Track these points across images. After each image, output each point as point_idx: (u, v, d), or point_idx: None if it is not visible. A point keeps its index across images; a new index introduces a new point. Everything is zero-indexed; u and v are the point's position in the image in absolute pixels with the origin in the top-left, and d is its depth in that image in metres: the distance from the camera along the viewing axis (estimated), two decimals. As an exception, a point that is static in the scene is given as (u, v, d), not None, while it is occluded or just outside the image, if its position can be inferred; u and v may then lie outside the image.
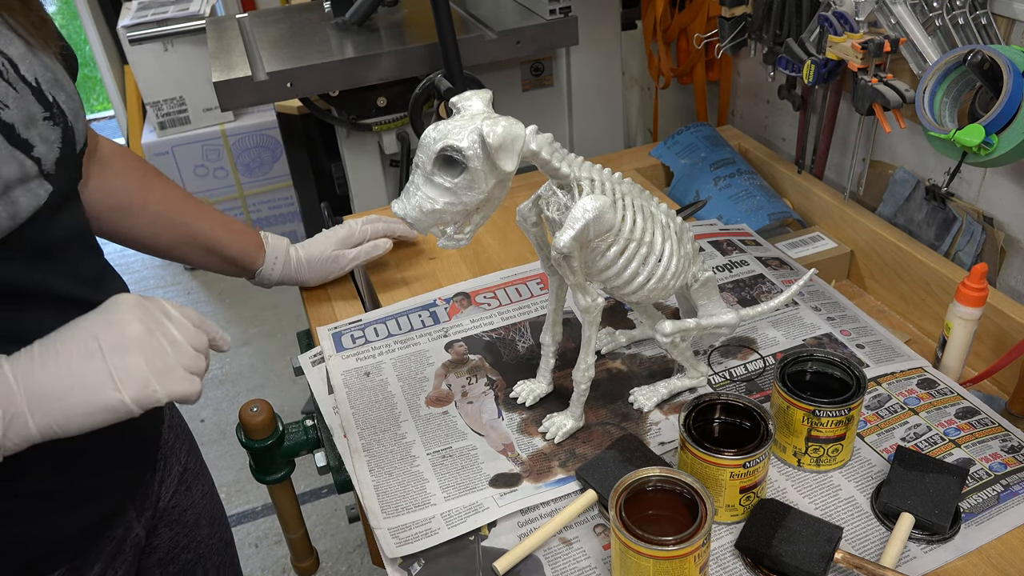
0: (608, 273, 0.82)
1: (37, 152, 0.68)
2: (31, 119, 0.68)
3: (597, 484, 0.81)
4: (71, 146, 0.73)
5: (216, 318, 2.89)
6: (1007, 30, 1.00)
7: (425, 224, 0.74)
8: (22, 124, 0.67)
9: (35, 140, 0.68)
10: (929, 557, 0.75)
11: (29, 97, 0.68)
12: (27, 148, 0.67)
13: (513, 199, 0.85)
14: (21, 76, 0.68)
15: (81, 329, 0.64)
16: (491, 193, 0.74)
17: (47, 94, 0.70)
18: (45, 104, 0.70)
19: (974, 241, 1.10)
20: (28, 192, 0.67)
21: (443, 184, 0.72)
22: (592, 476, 0.82)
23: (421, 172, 0.73)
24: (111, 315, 0.65)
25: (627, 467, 0.81)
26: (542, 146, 0.75)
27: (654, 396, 0.93)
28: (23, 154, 0.66)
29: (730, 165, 1.38)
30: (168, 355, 0.65)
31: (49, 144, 0.69)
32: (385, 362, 1.02)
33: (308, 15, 1.76)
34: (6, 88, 0.66)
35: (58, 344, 0.63)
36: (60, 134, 0.71)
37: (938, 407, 0.90)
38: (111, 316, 0.65)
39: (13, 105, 0.66)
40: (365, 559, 2.01)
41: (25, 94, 0.68)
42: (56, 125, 0.71)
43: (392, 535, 0.79)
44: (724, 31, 1.40)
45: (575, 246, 0.77)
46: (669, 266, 0.84)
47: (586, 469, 0.83)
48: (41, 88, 0.70)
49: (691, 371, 0.94)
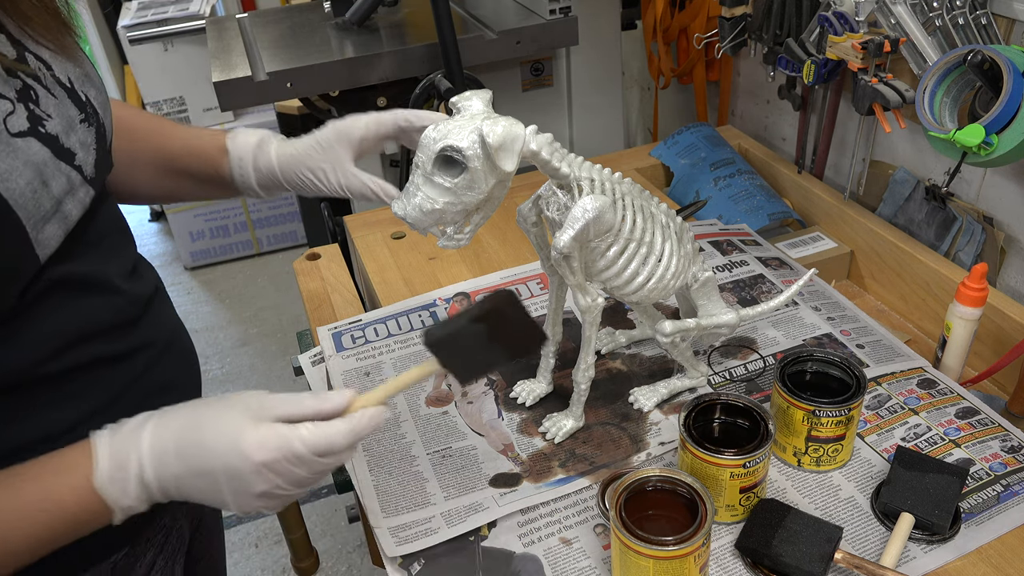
0: (608, 273, 0.82)
1: (79, 160, 0.68)
2: (70, 125, 0.68)
3: (445, 359, 0.70)
4: (104, 142, 0.73)
5: (216, 318, 2.90)
6: (1007, 30, 1.00)
7: (425, 224, 0.74)
8: (64, 133, 0.67)
9: (75, 147, 0.68)
10: (929, 557, 0.75)
11: (66, 101, 0.68)
12: (71, 158, 0.67)
13: (513, 199, 0.86)
14: (56, 79, 0.68)
15: (205, 461, 0.63)
16: (491, 193, 0.74)
17: (80, 94, 0.70)
18: (80, 105, 0.69)
19: (974, 241, 1.10)
20: (76, 201, 0.67)
21: (443, 184, 0.72)
22: (443, 350, 0.70)
23: (421, 172, 0.73)
24: (237, 462, 0.62)
25: (492, 351, 0.69)
26: (542, 146, 0.75)
27: (654, 396, 0.93)
28: (68, 165, 0.66)
29: (730, 165, 1.38)
30: (287, 496, 0.66)
31: (87, 148, 0.69)
32: (385, 362, 1.02)
33: (308, 15, 1.76)
34: (46, 96, 0.66)
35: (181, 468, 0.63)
36: (95, 135, 0.71)
37: (938, 407, 0.90)
38: (237, 464, 0.62)
39: (54, 113, 0.66)
40: (365, 559, 2.00)
41: (63, 98, 0.68)
42: (91, 126, 0.70)
43: (392, 534, 0.79)
44: (724, 31, 1.40)
45: (575, 246, 0.77)
46: (669, 266, 0.84)
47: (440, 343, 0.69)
48: (75, 88, 0.70)
49: (691, 371, 0.94)
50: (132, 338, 0.75)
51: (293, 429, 0.63)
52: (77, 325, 0.69)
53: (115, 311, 0.73)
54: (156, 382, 0.78)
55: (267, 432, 0.63)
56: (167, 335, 0.81)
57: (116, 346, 0.73)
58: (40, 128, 0.64)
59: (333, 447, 0.64)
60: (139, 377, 0.76)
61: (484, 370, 0.74)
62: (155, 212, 3.44)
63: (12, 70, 0.64)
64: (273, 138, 0.89)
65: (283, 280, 3.05)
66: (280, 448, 0.62)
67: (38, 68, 0.67)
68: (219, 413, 0.64)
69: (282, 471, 0.63)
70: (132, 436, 0.63)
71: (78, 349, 0.70)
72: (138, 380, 0.76)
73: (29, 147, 0.63)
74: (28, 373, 0.67)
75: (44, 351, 0.67)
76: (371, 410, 0.67)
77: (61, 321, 0.68)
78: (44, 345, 0.67)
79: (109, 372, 0.73)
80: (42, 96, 0.66)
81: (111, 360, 0.73)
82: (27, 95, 0.65)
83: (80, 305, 0.70)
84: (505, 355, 0.71)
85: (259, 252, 3.23)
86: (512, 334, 0.70)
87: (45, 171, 0.64)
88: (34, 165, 0.63)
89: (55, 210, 0.64)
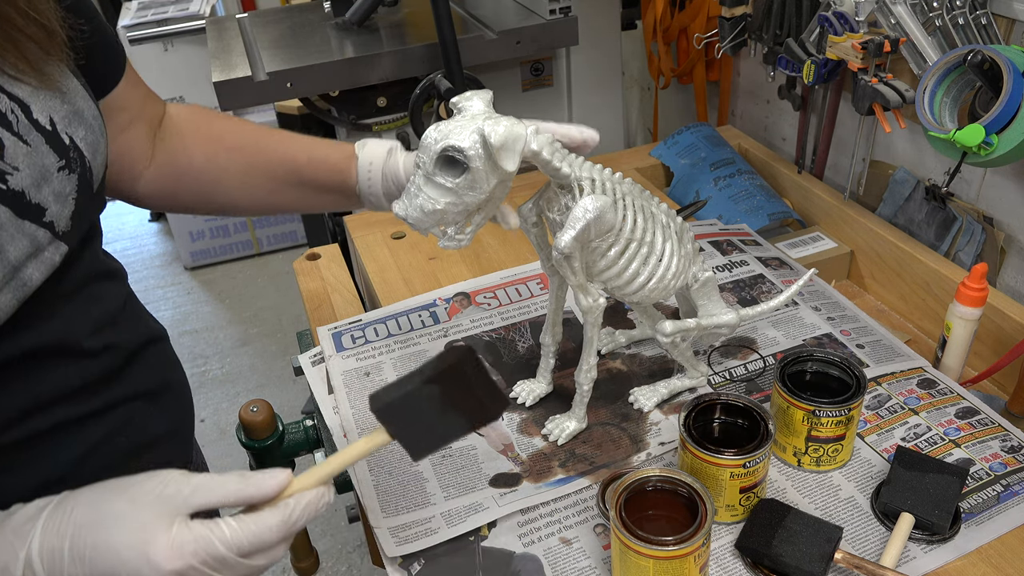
0: (609, 273, 0.82)
1: (49, 215, 0.61)
2: (44, 176, 0.61)
3: (396, 430, 0.62)
4: (88, 187, 0.66)
5: (216, 318, 2.90)
6: (1007, 30, 1.00)
7: (426, 225, 0.74)
8: (33, 186, 0.60)
9: (47, 201, 0.61)
10: (929, 557, 0.75)
11: (42, 147, 0.61)
12: (38, 215, 0.60)
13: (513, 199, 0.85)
14: (34, 121, 0.61)
15: (109, 565, 0.54)
16: (492, 193, 0.74)
17: (63, 136, 0.63)
18: (60, 151, 0.62)
19: (974, 241, 1.10)
20: (40, 263, 0.61)
21: (445, 184, 0.72)
22: (393, 418, 0.61)
23: (422, 173, 0.73)
24: (146, 571, 0.53)
25: (447, 418, 0.61)
26: (543, 146, 0.75)
27: (654, 396, 0.93)
28: (34, 224, 0.60)
29: (730, 165, 1.38)
30: None
31: (63, 200, 0.62)
32: (385, 362, 1.02)
33: (308, 15, 1.76)
34: (15, 144, 0.59)
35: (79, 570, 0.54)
36: (76, 181, 0.64)
37: (938, 407, 0.90)
38: (146, 574, 0.53)
39: (23, 165, 0.59)
40: (365, 559, 2.00)
41: (38, 145, 0.61)
42: (72, 172, 0.63)
43: (392, 535, 0.79)
44: (724, 31, 1.40)
45: (576, 246, 0.77)
46: (670, 266, 0.84)
47: (389, 409, 0.61)
48: (56, 131, 0.62)
49: (691, 371, 0.94)
50: (107, 395, 0.69)
51: (213, 527, 0.54)
52: (35, 396, 0.63)
53: (82, 373, 0.66)
54: (136, 439, 0.72)
55: (182, 534, 0.54)
56: (154, 386, 0.75)
57: (84, 407, 0.67)
58: (1, 185, 0.58)
59: (261, 544, 0.55)
60: (113, 435, 0.70)
61: (439, 443, 0.63)
62: (155, 212, 3.44)
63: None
64: (399, 147, 0.87)
65: (283, 280, 3.05)
66: (197, 553, 0.53)
67: (11, 111, 0.60)
68: (126, 510, 0.55)
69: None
70: (19, 532, 0.55)
71: (37, 418, 0.63)
72: (112, 439, 0.69)
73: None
74: None
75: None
76: (308, 495, 0.58)
77: (15, 395, 0.61)
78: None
79: (77, 433, 0.67)
80: (8, 146, 0.59)
81: (78, 420, 0.67)
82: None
83: (39, 376, 0.63)
84: (462, 424, 0.62)
85: (259, 252, 3.24)
86: (471, 398, 0.61)
87: (1, 236, 0.57)
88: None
89: (9, 279, 0.58)
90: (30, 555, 0.54)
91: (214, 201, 0.87)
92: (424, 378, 0.60)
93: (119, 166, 0.80)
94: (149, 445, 0.74)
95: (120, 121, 0.79)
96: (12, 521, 0.56)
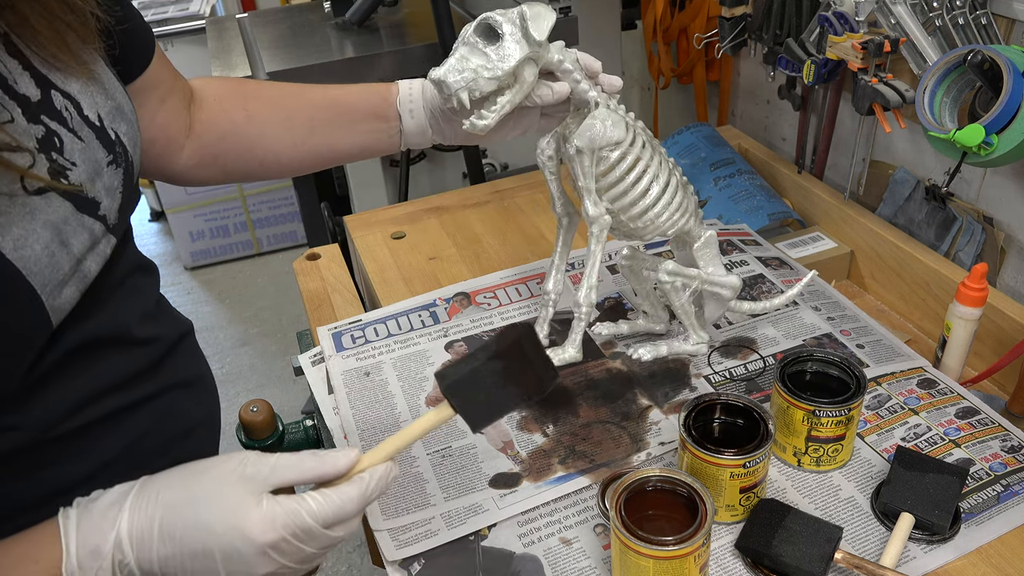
0: (617, 189, 0.86)
1: (103, 209, 0.63)
2: (97, 171, 0.63)
3: (460, 404, 0.64)
4: (132, 181, 0.67)
5: (216, 318, 2.90)
6: (1007, 30, 1.00)
7: (456, 83, 0.76)
8: (89, 181, 0.62)
9: (100, 195, 0.63)
10: (929, 557, 0.75)
11: (94, 143, 0.63)
12: (94, 208, 0.62)
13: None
14: (84, 117, 0.63)
15: (202, 542, 0.56)
16: (520, 71, 0.78)
17: (110, 131, 0.65)
18: (108, 146, 0.64)
19: (974, 241, 1.10)
20: (96, 255, 0.63)
21: (479, 48, 0.77)
22: (458, 393, 0.64)
23: (461, 41, 0.79)
24: (240, 544, 0.56)
25: (506, 392, 0.64)
26: (567, 57, 0.80)
27: (654, 351, 0.96)
28: (91, 218, 0.62)
29: (730, 165, 1.38)
30: (291, 572, 0.59)
31: (112, 194, 0.64)
32: (385, 362, 1.02)
33: (308, 15, 1.76)
34: (72, 140, 0.61)
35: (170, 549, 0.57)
36: (122, 175, 0.66)
37: (938, 407, 0.90)
38: (239, 547, 0.56)
39: (80, 160, 0.61)
40: (365, 559, 2.01)
41: (90, 140, 0.63)
42: (119, 167, 0.65)
43: (392, 537, 0.79)
44: (724, 31, 1.40)
45: (588, 144, 0.82)
46: (674, 197, 0.88)
47: (456, 386, 0.64)
48: (104, 126, 0.64)
49: (693, 335, 0.96)
50: (153, 384, 0.72)
51: (301, 501, 0.58)
52: (93, 385, 0.65)
53: (133, 362, 0.69)
54: (179, 425, 0.75)
55: (272, 508, 0.57)
56: (190, 376, 0.78)
57: (134, 394, 0.70)
58: (62, 180, 0.59)
59: (343, 516, 0.59)
60: (158, 422, 0.72)
61: (497, 415, 0.66)
62: (155, 212, 3.44)
63: (35, 115, 0.59)
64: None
65: (283, 280, 3.05)
66: (288, 526, 0.56)
67: (64, 108, 0.61)
68: (215, 489, 0.57)
69: (289, 550, 0.57)
70: (107, 516, 0.57)
71: (93, 406, 0.66)
72: (157, 426, 0.72)
73: (49, 204, 0.58)
74: (39, 437, 0.62)
75: (56, 414, 0.63)
76: (380, 469, 0.61)
77: (75, 385, 0.64)
78: (56, 409, 0.63)
79: (127, 421, 0.69)
80: (67, 142, 0.60)
81: (129, 408, 0.69)
82: (49, 143, 0.59)
83: (96, 365, 0.65)
84: (520, 396, 0.65)
85: (259, 252, 3.24)
86: (529, 372, 0.65)
87: (65, 229, 0.59)
88: (53, 225, 0.58)
89: (74, 271, 0.60)
90: (119, 536, 0.56)
91: (256, 157, 0.88)
92: (489, 354, 0.63)
93: (161, 142, 0.82)
94: (188, 432, 0.76)
95: (159, 95, 0.81)
96: (97, 505, 0.58)
